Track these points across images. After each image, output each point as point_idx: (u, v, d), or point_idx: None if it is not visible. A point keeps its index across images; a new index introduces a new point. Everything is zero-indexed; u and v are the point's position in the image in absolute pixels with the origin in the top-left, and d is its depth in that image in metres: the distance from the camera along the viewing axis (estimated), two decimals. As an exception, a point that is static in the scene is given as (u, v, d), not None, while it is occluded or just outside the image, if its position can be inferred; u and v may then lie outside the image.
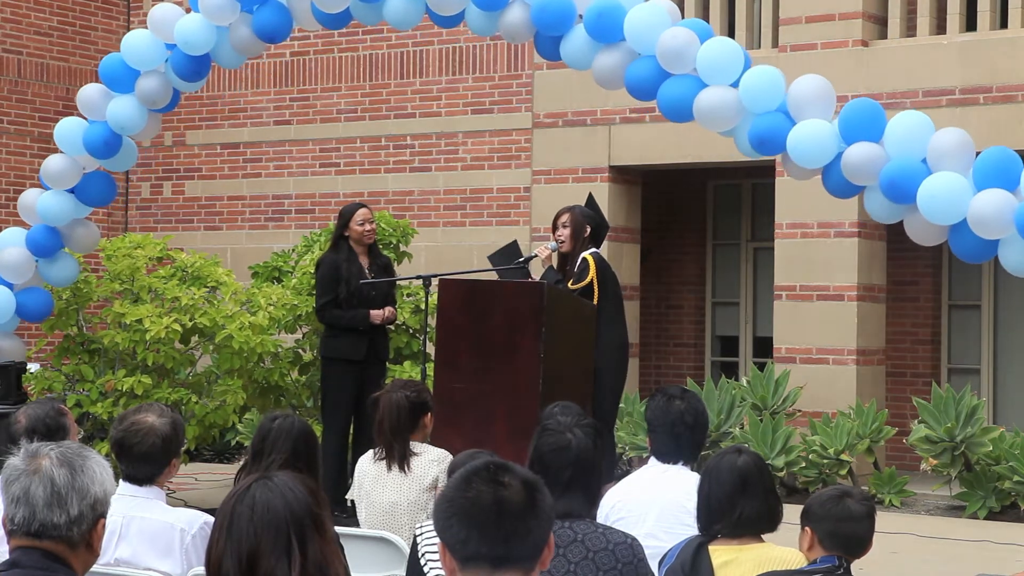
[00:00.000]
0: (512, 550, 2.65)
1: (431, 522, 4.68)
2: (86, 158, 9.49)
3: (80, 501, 3.21)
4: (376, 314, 9.40)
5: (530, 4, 8.12)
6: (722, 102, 7.64)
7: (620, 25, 7.86)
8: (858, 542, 4.21)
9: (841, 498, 4.21)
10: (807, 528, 4.21)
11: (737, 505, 4.31)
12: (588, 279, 8.60)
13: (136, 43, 9.14)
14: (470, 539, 2.65)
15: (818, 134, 7.45)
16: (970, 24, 12.13)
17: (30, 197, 9.72)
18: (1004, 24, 12.06)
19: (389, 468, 5.99)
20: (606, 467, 4.98)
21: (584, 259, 8.70)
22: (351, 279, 9.40)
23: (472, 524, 2.65)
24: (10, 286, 9.64)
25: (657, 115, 13.08)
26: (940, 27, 12.27)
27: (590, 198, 9.24)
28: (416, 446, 6.03)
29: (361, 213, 9.55)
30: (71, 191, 9.60)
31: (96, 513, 3.24)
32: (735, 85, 7.65)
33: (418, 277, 9.16)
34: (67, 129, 9.53)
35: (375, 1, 8.59)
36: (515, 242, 9.34)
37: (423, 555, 4.58)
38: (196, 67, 9.09)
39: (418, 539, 4.64)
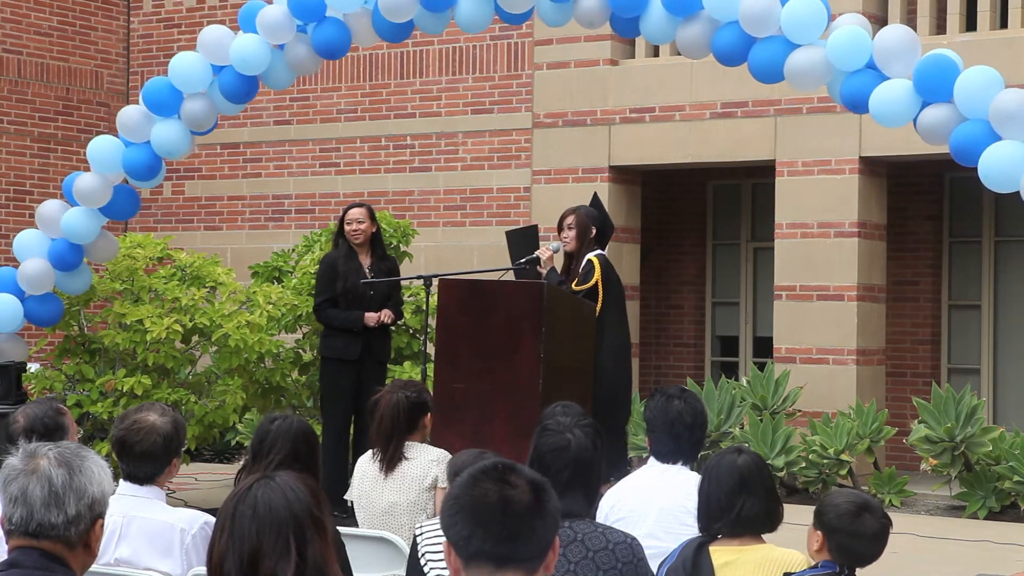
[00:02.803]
0: (516, 549, 2.65)
1: (431, 522, 4.68)
2: (116, 177, 9.47)
3: (78, 501, 3.20)
4: (371, 316, 9.40)
5: None
6: (812, 64, 7.74)
7: None
8: (868, 559, 4.19)
9: (860, 514, 4.15)
10: (819, 531, 4.17)
11: (736, 504, 4.30)
12: (593, 281, 8.60)
13: (184, 65, 9.07)
14: (474, 536, 2.65)
15: (895, 96, 7.54)
16: (970, 24, 12.13)
17: (52, 209, 9.64)
18: (1004, 24, 12.06)
19: (382, 469, 5.99)
20: (606, 467, 4.98)
21: (589, 261, 8.70)
22: (348, 275, 9.39)
23: (476, 522, 2.65)
24: (20, 292, 9.62)
25: (657, 115, 13.13)
26: (940, 27, 12.27)
27: (595, 198, 9.22)
28: (415, 447, 6.02)
29: (352, 212, 9.55)
30: (96, 209, 9.59)
31: (94, 513, 3.24)
32: (821, 40, 7.75)
33: (419, 277, 9.15)
34: (100, 148, 9.43)
35: (442, 10, 8.60)
36: (535, 227, 9.31)
37: (423, 555, 4.58)
38: (246, 88, 9.05)
39: (418, 539, 4.64)
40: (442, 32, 9.15)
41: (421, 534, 4.64)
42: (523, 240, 8.90)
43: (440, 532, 4.57)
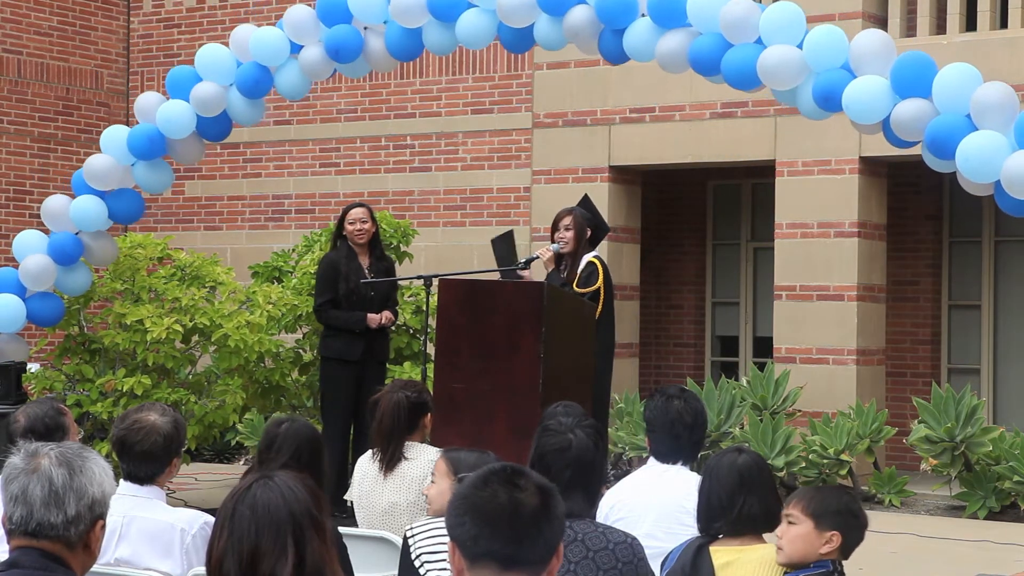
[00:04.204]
0: (522, 551, 2.67)
1: (421, 523, 4.68)
2: (125, 171, 9.54)
3: (78, 501, 3.20)
4: (373, 318, 9.40)
5: (591, 2, 8.25)
6: (786, 60, 7.73)
7: (683, 9, 7.97)
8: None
9: (860, 506, 4.19)
10: (836, 532, 4.13)
11: (736, 503, 4.30)
12: (597, 285, 8.65)
13: (210, 54, 9.31)
14: (481, 536, 2.66)
15: (870, 90, 7.52)
16: (970, 24, 12.13)
17: (57, 202, 9.71)
18: (1004, 24, 12.06)
19: (382, 468, 5.98)
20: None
21: (592, 263, 8.75)
22: (350, 276, 9.40)
23: (485, 522, 2.66)
24: (22, 292, 9.63)
25: (657, 115, 13.12)
26: (940, 27, 12.27)
27: (586, 199, 9.26)
28: (415, 446, 6.02)
29: (353, 212, 9.55)
30: (103, 200, 9.64)
31: (94, 514, 3.23)
32: (798, 47, 7.75)
33: (419, 277, 9.15)
34: (113, 134, 9.66)
35: (449, 21, 8.65)
36: (511, 232, 9.31)
37: (418, 556, 4.57)
38: (258, 77, 9.16)
39: (409, 540, 4.63)
40: (448, 53, 9.20)
41: (413, 535, 4.63)
42: (505, 246, 8.91)
43: (435, 533, 4.59)
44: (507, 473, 2.73)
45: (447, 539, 4.65)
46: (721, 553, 4.32)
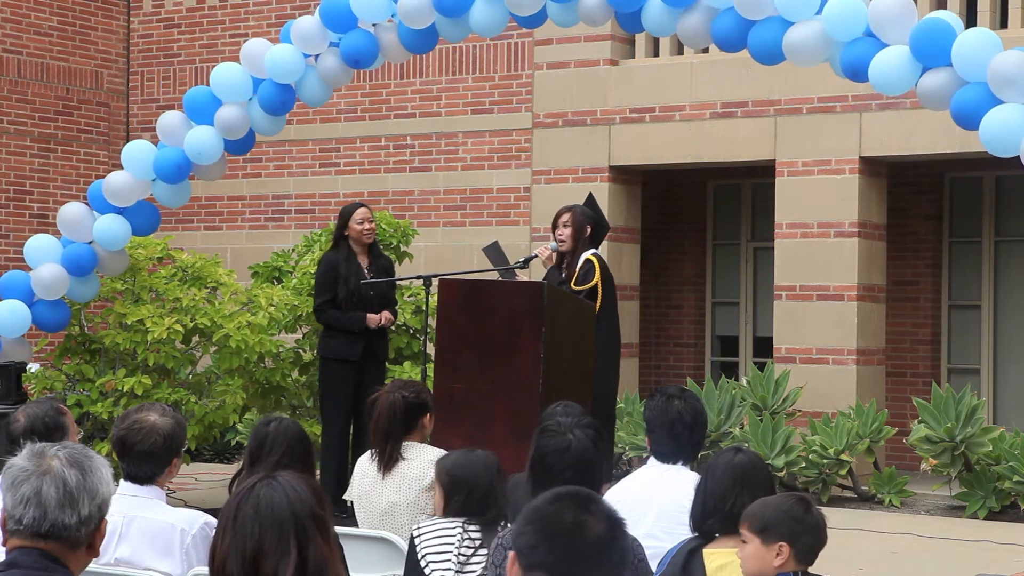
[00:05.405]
0: (578, 572, 2.67)
1: (429, 522, 4.68)
2: (144, 185, 9.53)
3: (90, 502, 3.19)
4: (373, 318, 9.41)
5: None
6: (809, 37, 7.71)
7: None
8: (820, 550, 4.07)
9: (807, 508, 4.04)
10: (783, 543, 3.99)
11: (728, 500, 4.27)
12: (593, 282, 8.63)
13: (226, 74, 9.30)
14: (539, 546, 2.67)
15: (893, 63, 7.51)
16: (970, 24, 12.13)
17: (75, 211, 9.65)
18: (1004, 24, 12.06)
19: (380, 468, 5.98)
20: (605, 467, 4.98)
21: (589, 260, 8.74)
22: (350, 278, 9.40)
23: (545, 534, 2.68)
24: (28, 297, 9.60)
25: (657, 115, 13.13)
26: (940, 27, 12.27)
27: (590, 197, 9.26)
28: (414, 447, 6.01)
29: (360, 212, 9.56)
30: (121, 215, 9.61)
31: (102, 513, 3.24)
32: (818, 15, 7.73)
33: (418, 277, 9.16)
34: (135, 151, 9.60)
35: (459, 15, 8.68)
36: (496, 242, 9.30)
37: (423, 555, 4.58)
38: (283, 97, 9.19)
39: (416, 540, 4.63)
40: (464, 39, 9.22)
41: (420, 535, 4.64)
42: (495, 254, 8.91)
43: (440, 533, 4.59)
44: (581, 496, 2.75)
45: (452, 539, 4.67)
46: (716, 556, 4.30)
